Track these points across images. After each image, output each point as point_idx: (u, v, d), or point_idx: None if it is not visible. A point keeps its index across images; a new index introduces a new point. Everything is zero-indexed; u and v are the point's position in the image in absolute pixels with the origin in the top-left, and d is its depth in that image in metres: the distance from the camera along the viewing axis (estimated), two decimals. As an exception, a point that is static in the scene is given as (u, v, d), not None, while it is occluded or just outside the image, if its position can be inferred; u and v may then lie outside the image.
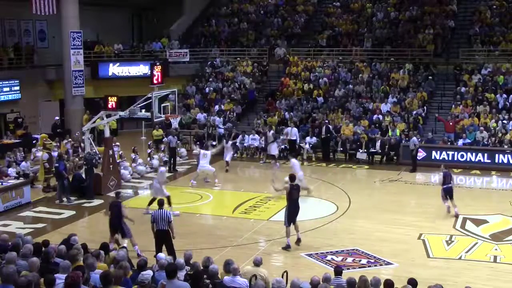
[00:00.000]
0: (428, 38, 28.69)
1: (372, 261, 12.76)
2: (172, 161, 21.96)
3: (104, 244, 10.20)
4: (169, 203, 15.63)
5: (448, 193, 15.85)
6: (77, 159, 21.48)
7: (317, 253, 13.18)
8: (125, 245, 12.14)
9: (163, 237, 11.99)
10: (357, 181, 21.15)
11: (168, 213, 12.12)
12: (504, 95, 24.77)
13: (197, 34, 33.78)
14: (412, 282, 8.61)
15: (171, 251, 11.76)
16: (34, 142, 23.64)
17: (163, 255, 10.08)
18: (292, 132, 23.41)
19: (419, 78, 27.08)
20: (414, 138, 21.73)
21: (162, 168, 17.28)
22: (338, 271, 9.38)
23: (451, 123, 23.29)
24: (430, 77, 26.81)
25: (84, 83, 28.06)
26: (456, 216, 15.68)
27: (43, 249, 9.09)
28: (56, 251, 9.01)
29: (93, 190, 18.24)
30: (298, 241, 13.58)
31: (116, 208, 13.01)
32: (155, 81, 19.69)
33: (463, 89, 25.77)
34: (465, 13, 30.46)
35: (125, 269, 8.08)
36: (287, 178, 13.90)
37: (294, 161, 18.40)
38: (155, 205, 13.57)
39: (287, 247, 13.43)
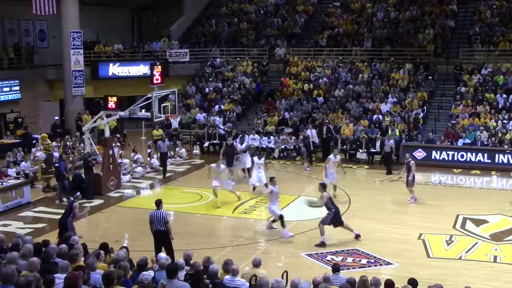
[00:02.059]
0: (428, 38, 28.69)
1: (372, 261, 12.76)
2: (165, 168, 21.03)
3: (104, 244, 10.18)
4: (282, 225, 14.21)
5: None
6: (70, 158, 21.45)
7: (317, 253, 13.18)
8: (125, 244, 12.14)
9: (161, 237, 11.93)
10: (357, 181, 21.14)
11: (164, 213, 11.99)
12: (504, 95, 24.77)
13: (197, 34, 33.78)
14: (413, 282, 8.61)
15: (169, 252, 11.72)
16: (34, 142, 23.64)
17: (163, 255, 10.08)
18: (312, 134, 23.14)
19: (419, 78, 27.08)
20: (392, 141, 21.83)
21: (272, 187, 14.65)
22: (335, 268, 9.39)
23: (451, 134, 23.16)
24: (430, 77, 26.81)
25: (84, 83, 28.08)
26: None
27: (43, 249, 9.09)
28: (56, 251, 9.01)
29: (93, 190, 18.26)
30: (357, 236, 13.93)
31: (68, 207, 13.31)
32: (155, 81, 19.69)
33: (463, 89, 25.77)
34: (465, 13, 30.45)
35: (125, 269, 8.08)
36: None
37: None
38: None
39: (321, 244, 13.61)
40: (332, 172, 17.68)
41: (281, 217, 14.16)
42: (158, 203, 12.26)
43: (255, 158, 18.39)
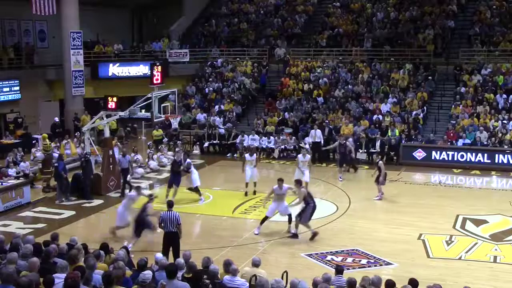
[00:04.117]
0: (428, 38, 28.69)
1: (372, 261, 12.75)
2: (124, 185, 18.54)
3: (104, 244, 10.19)
4: (289, 221, 14.60)
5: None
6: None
7: (317, 253, 13.18)
8: (125, 245, 12.15)
9: (172, 239, 11.94)
10: (357, 181, 21.13)
11: (177, 215, 12.00)
12: (504, 95, 24.76)
13: (197, 34, 33.79)
14: (413, 283, 8.58)
15: (177, 254, 11.71)
16: (34, 142, 23.65)
17: (161, 255, 10.07)
18: (316, 135, 23.07)
19: (419, 78, 27.07)
20: (350, 139, 22.04)
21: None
22: (339, 270, 9.37)
23: (452, 134, 23.18)
24: (430, 77, 26.80)
25: (84, 83, 28.08)
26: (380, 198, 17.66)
27: (43, 248, 9.10)
28: (56, 251, 9.02)
29: (92, 190, 18.23)
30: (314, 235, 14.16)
31: (142, 208, 13.58)
32: (155, 81, 19.67)
33: (463, 89, 25.77)
34: (465, 13, 30.45)
35: (121, 269, 8.05)
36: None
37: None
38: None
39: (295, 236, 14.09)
40: (304, 171, 17.85)
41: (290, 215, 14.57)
42: (171, 204, 12.28)
43: (247, 155, 18.40)
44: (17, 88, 27.33)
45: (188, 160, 18.23)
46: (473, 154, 22.00)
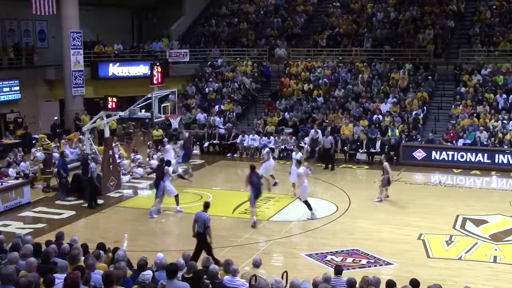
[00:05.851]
0: (428, 38, 28.69)
1: (372, 261, 12.75)
2: (92, 195, 17.36)
3: (101, 244, 10.16)
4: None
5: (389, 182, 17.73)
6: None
7: (317, 253, 13.17)
8: (122, 245, 12.14)
9: (200, 239, 12.06)
10: (357, 181, 21.14)
11: (206, 217, 12.02)
12: (504, 95, 24.76)
13: (197, 34, 33.79)
14: (414, 283, 8.56)
15: (208, 254, 11.69)
16: (34, 142, 23.65)
17: (162, 255, 10.06)
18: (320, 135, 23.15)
19: (419, 78, 27.07)
20: (330, 137, 22.36)
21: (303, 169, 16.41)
22: (338, 271, 9.36)
23: (452, 134, 23.18)
24: (430, 77, 26.80)
25: (84, 83, 28.08)
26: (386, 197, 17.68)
27: (43, 249, 9.09)
28: (56, 251, 9.02)
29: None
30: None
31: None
32: (155, 81, 19.66)
33: (463, 89, 25.77)
34: (465, 13, 30.45)
35: (122, 269, 8.06)
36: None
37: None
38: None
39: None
40: (293, 170, 17.74)
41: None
42: (206, 206, 12.38)
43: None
44: (17, 88, 27.33)
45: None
46: (473, 154, 21.98)
